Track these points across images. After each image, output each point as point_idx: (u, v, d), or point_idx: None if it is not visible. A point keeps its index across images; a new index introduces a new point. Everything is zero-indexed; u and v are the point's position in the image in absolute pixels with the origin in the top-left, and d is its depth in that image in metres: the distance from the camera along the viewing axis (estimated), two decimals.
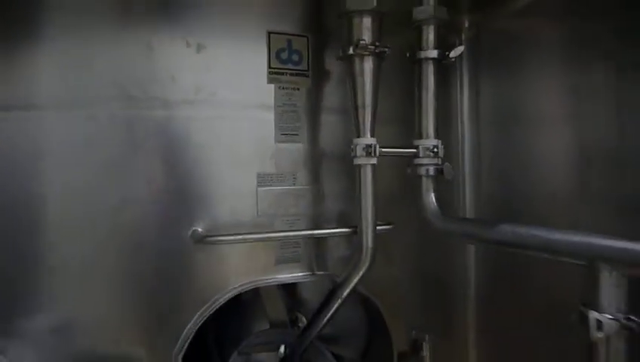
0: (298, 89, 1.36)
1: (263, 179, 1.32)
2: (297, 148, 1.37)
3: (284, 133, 1.35)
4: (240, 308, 1.66)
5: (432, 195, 1.31)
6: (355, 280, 1.31)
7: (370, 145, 1.25)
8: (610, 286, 0.86)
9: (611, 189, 1.22)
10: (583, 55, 1.30)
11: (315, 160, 1.39)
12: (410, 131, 1.36)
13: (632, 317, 0.86)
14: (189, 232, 1.25)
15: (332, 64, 1.39)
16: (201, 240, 1.24)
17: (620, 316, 0.85)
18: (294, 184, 1.36)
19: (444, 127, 1.51)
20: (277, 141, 1.34)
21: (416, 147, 1.32)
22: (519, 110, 1.49)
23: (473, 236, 1.23)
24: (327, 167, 1.39)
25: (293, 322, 1.61)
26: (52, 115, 1.14)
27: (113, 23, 1.19)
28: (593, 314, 0.85)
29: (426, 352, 1.52)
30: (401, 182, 1.40)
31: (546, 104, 1.42)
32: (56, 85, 1.15)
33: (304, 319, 1.60)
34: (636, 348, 0.89)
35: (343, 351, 1.64)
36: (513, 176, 1.49)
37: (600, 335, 0.85)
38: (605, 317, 0.84)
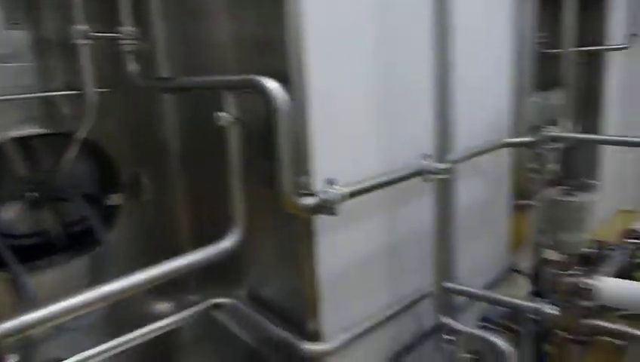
0: None
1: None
2: (22, 35, 1.81)
3: (11, 23, 1.77)
4: None
5: (134, 64, 1.92)
6: (85, 129, 1.87)
7: (84, 30, 1.78)
8: (229, 102, 1.64)
9: (257, 64, 1.83)
10: None
11: (40, 44, 1.84)
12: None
13: (239, 118, 1.67)
14: None
15: None
16: None
17: (232, 114, 1.65)
18: (23, 62, 1.81)
19: (145, 21, 2.04)
20: (6, 29, 1.75)
21: (121, 32, 1.89)
22: (193, 7, 2.12)
23: (161, 88, 1.91)
24: (53, 49, 1.86)
25: (37, 176, 2.06)
26: None
27: None
28: (221, 114, 1.62)
29: (144, 182, 2.20)
30: (113, 59, 1.92)
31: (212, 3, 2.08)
32: None
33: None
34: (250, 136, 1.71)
35: (88, 190, 2.17)
36: (194, 53, 2.06)
37: (224, 123, 1.63)
38: (225, 115, 1.63)
